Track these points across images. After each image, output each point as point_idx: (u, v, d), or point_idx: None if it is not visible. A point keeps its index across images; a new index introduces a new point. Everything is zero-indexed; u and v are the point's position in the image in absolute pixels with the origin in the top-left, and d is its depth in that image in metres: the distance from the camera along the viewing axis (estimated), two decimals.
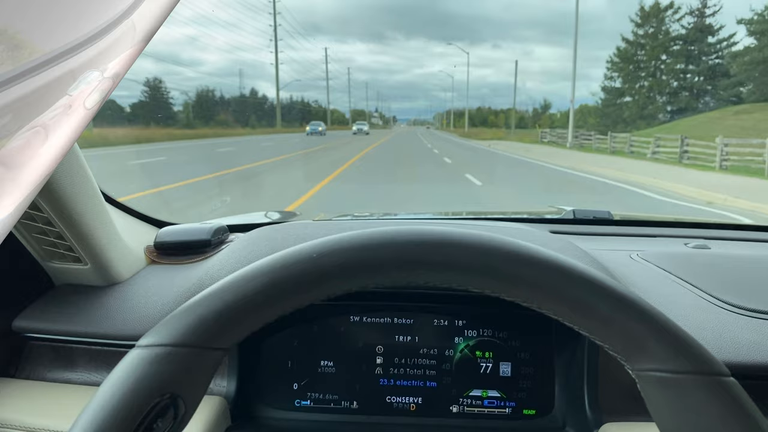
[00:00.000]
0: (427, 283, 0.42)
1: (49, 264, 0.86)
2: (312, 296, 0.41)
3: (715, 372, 0.38)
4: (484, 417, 0.85)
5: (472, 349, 0.85)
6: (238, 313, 0.40)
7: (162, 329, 0.39)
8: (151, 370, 0.37)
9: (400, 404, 0.86)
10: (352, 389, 0.86)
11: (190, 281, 0.87)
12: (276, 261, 0.41)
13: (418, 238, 0.41)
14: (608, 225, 1.38)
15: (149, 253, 1.00)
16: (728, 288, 0.88)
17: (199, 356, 0.39)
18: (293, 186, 9.87)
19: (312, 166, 14.78)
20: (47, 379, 0.84)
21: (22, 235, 0.80)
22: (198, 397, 0.40)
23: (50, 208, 0.73)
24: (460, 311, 0.86)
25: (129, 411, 0.36)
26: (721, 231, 1.35)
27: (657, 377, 0.39)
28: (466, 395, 0.85)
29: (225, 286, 0.41)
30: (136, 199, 7.01)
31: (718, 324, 0.78)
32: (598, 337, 0.41)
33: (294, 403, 0.86)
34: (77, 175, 0.74)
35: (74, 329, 0.83)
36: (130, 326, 0.81)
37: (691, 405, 0.37)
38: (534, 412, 0.85)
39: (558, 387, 0.84)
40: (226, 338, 0.40)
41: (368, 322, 0.86)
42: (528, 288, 0.41)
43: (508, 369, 0.85)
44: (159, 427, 0.38)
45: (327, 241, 0.42)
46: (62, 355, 0.85)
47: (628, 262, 1.02)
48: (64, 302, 0.86)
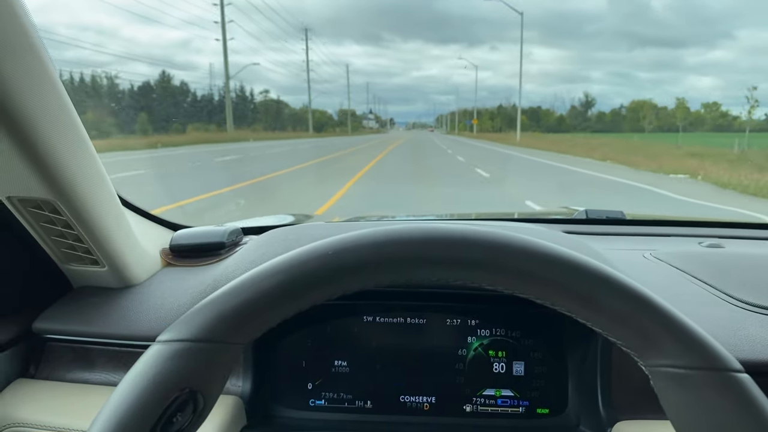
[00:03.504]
0: (440, 280, 0.42)
1: (67, 266, 0.88)
2: (327, 293, 0.42)
3: (728, 368, 0.38)
4: (498, 416, 0.85)
5: (485, 348, 0.86)
6: (255, 309, 0.41)
7: (181, 325, 0.40)
8: (171, 365, 0.38)
9: (413, 403, 0.86)
10: (365, 389, 0.87)
11: (206, 283, 0.89)
12: (292, 258, 0.42)
13: (430, 235, 0.42)
14: (621, 225, 1.38)
15: (165, 255, 1.01)
16: (742, 286, 0.88)
17: (217, 351, 0.40)
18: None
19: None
20: (66, 379, 0.86)
21: (42, 238, 0.81)
22: (216, 392, 0.41)
23: (69, 211, 0.74)
24: (473, 310, 0.86)
25: (149, 405, 0.37)
26: (735, 230, 1.34)
27: (670, 373, 0.39)
28: (479, 394, 0.85)
29: (243, 283, 0.41)
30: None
31: (732, 321, 0.78)
32: (612, 334, 0.41)
33: (309, 403, 0.87)
34: (95, 180, 0.76)
35: (92, 330, 0.84)
36: (146, 327, 0.83)
37: (704, 401, 0.38)
38: (548, 411, 0.85)
39: (571, 385, 0.84)
40: (244, 334, 0.41)
41: (381, 322, 0.87)
42: (541, 285, 0.41)
43: (522, 368, 0.85)
44: (178, 421, 0.39)
45: (342, 238, 0.43)
46: (81, 356, 0.87)
47: (641, 262, 1.02)
48: (83, 304, 0.88)
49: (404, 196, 9.59)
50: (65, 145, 0.67)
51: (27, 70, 0.59)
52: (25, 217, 0.77)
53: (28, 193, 0.71)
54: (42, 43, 0.61)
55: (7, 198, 0.73)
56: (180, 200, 8.07)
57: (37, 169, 0.66)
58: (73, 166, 0.70)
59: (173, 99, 51.55)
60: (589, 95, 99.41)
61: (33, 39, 0.59)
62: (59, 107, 0.66)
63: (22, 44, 0.58)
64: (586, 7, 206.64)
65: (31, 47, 0.59)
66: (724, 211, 7.52)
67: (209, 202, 8.36)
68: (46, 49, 0.62)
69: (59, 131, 0.66)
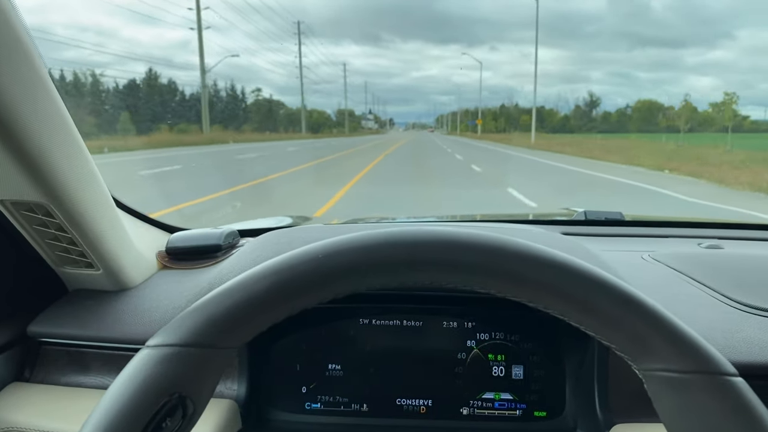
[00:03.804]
0: (432, 283, 0.42)
1: (62, 270, 0.88)
2: (318, 296, 0.42)
3: (721, 371, 0.38)
4: (495, 419, 0.85)
5: (483, 351, 0.85)
6: (245, 313, 0.40)
7: (170, 329, 0.40)
8: (159, 370, 0.38)
9: (410, 407, 0.86)
10: (361, 392, 0.86)
11: (201, 285, 0.88)
12: (282, 262, 0.42)
13: (423, 238, 0.42)
14: (620, 226, 1.37)
15: (161, 258, 1.01)
16: (740, 287, 0.87)
17: (207, 356, 0.39)
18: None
19: None
20: (61, 383, 0.85)
21: (36, 241, 0.81)
22: (206, 397, 0.41)
23: (62, 214, 0.74)
24: (469, 313, 0.86)
25: (137, 411, 0.37)
26: (734, 230, 1.34)
27: (663, 377, 0.38)
28: (477, 398, 0.85)
29: (232, 286, 0.41)
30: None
31: (729, 323, 0.77)
32: (604, 337, 0.41)
33: (304, 406, 0.86)
34: (88, 182, 0.75)
35: (87, 334, 0.84)
36: (141, 330, 0.82)
37: (698, 405, 0.37)
38: (545, 414, 0.84)
39: (569, 388, 0.84)
40: (233, 338, 0.40)
41: (377, 324, 0.86)
42: (533, 288, 0.41)
43: (520, 371, 0.85)
44: (168, 427, 0.38)
45: (333, 242, 0.42)
46: (75, 360, 0.86)
47: (639, 263, 1.01)
48: (77, 307, 0.87)
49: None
50: (58, 147, 0.67)
51: (19, 73, 0.59)
52: (18, 221, 0.76)
53: (21, 196, 0.70)
54: (34, 45, 0.61)
55: (0, 201, 0.72)
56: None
57: (30, 172, 0.66)
58: (66, 169, 0.69)
59: (160, 98, 48.80)
60: (594, 95, 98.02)
61: (25, 41, 0.59)
62: (51, 109, 0.65)
63: (14, 47, 0.58)
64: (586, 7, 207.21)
65: (22, 50, 0.59)
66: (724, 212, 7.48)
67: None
68: (38, 50, 0.62)
69: (51, 134, 0.66)
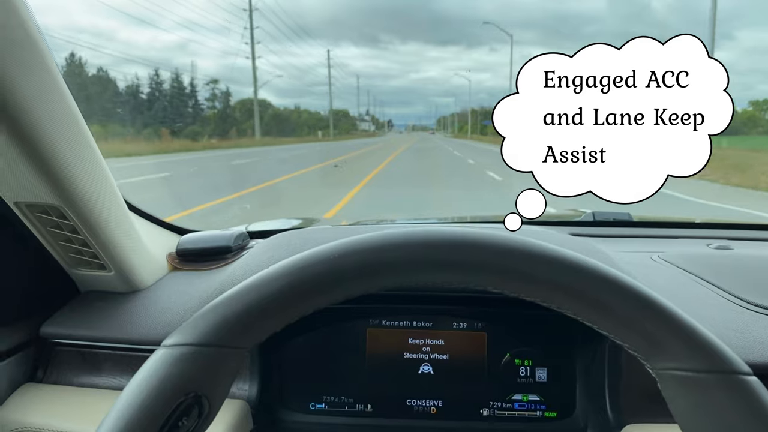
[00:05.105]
0: (445, 283, 0.42)
1: (74, 271, 0.88)
2: (332, 297, 0.42)
3: (735, 370, 0.38)
4: (506, 420, 0.84)
5: (497, 353, 0.85)
6: (260, 314, 0.41)
7: (186, 329, 0.40)
8: (176, 370, 0.38)
9: (420, 407, 0.86)
10: (367, 392, 0.86)
11: (212, 287, 0.89)
12: (296, 263, 0.42)
13: (433, 238, 0.42)
14: (629, 227, 1.37)
15: (171, 259, 1.01)
16: (751, 288, 0.87)
17: (222, 356, 0.40)
18: None
19: None
20: (74, 383, 0.86)
21: (49, 243, 0.82)
22: (222, 396, 0.41)
23: (76, 216, 0.74)
24: (479, 314, 0.86)
25: (154, 410, 0.37)
26: (743, 231, 1.33)
27: (677, 376, 0.38)
28: (488, 399, 0.85)
29: (247, 287, 0.41)
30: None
31: (741, 324, 0.77)
32: (618, 337, 0.41)
33: (311, 407, 0.87)
34: (101, 184, 0.76)
35: (99, 335, 0.84)
36: (153, 331, 0.83)
37: (712, 404, 0.37)
38: (555, 414, 0.84)
39: (579, 389, 0.84)
40: (248, 338, 0.41)
41: (387, 325, 0.86)
42: (547, 288, 0.41)
43: (543, 373, 0.85)
44: (184, 425, 0.39)
45: (346, 242, 0.42)
46: (88, 360, 0.87)
47: (649, 264, 1.01)
48: (90, 308, 0.88)
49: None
50: (71, 150, 0.68)
51: (34, 78, 0.60)
52: (32, 223, 0.77)
53: (35, 198, 0.71)
54: (48, 49, 0.62)
55: (15, 203, 0.73)
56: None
57: (44, 174, 0.67)
58: (80, 172, 0.70)
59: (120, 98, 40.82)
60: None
61: (39, 44, 0.60)
62: (65, 113, 0.66)
63: (29, 49, 0.59)
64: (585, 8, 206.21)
65: (37, 51, 0.60)
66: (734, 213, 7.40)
67: None
68: (52, 54, 0.62)
69: (65, 137, 0.66)
